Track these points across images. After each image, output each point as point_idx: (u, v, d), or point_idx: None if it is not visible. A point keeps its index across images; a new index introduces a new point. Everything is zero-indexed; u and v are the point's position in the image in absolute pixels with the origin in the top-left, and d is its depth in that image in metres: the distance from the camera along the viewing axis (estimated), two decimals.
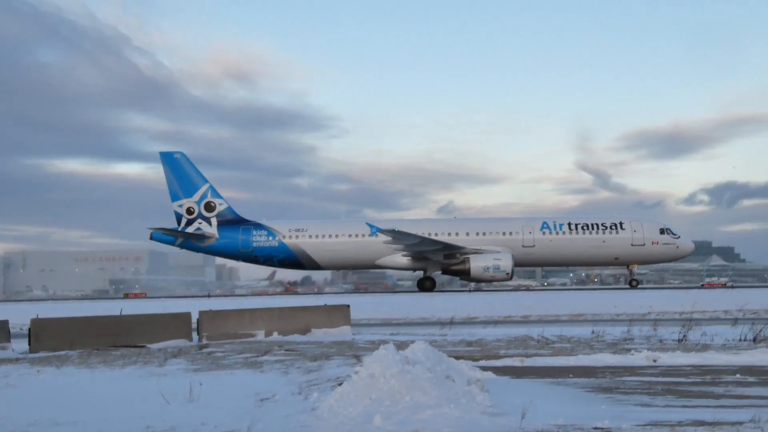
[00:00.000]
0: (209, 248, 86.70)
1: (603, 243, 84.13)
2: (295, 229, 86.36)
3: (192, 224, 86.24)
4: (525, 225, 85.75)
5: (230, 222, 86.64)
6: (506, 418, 13.47)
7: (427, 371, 15.25)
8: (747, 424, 12.59)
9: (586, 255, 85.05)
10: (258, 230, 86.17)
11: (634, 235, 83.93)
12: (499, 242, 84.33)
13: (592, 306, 50.32)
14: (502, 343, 29.06)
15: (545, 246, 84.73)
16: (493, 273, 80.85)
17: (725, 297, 58.62)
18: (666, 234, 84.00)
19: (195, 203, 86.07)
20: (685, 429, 12.46)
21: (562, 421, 13.23)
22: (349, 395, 14.47)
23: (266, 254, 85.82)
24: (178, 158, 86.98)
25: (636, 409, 15.36)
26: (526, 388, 18.02)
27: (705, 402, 16.31)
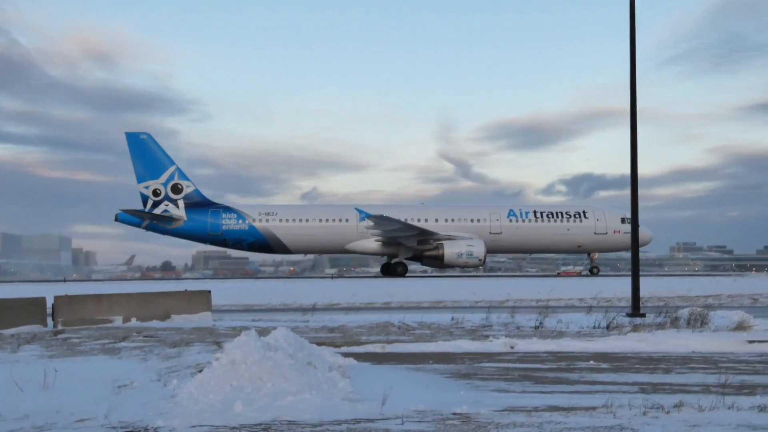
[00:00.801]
0: (177, 231, 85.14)
1: (567, 231, 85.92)
2: (266, 213, 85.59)
3: (158, 206, 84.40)
4: (492, 212, 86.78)
5: (198, 204, 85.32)
6: (367, 404, 13.51)
7: (288, 358, 15.18)
8: (600, 409, 12.94)
9: (550, 242, 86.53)
10: (227, 213, 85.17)
11: (597, 223, 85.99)
12: (466, 229, 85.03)
13: (452, 293, 51.06)
14: (364, 329, 29.19)
15: (512, 233, 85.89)
16: (466, 259, 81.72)
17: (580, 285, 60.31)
18: (626, 223, 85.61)
19: (161, 185, 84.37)
20: (541, 414, 12.73)
21: (422, 406, 13.35)
22: (209, 382, 14.28)
23: (235, 237, 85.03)
24: (144, 139, 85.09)
25: (494, 395, 15.62)
26: (386, 374, 18.13)
27: (560, 388, 16.72)
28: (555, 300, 44.58)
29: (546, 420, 12.08)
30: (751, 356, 22.54)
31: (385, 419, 12.30)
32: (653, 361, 21.39)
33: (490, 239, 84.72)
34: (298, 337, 17.22)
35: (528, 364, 20.87)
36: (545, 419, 12.16)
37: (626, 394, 14.99)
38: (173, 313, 33.78)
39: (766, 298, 48.60)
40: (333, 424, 11.97)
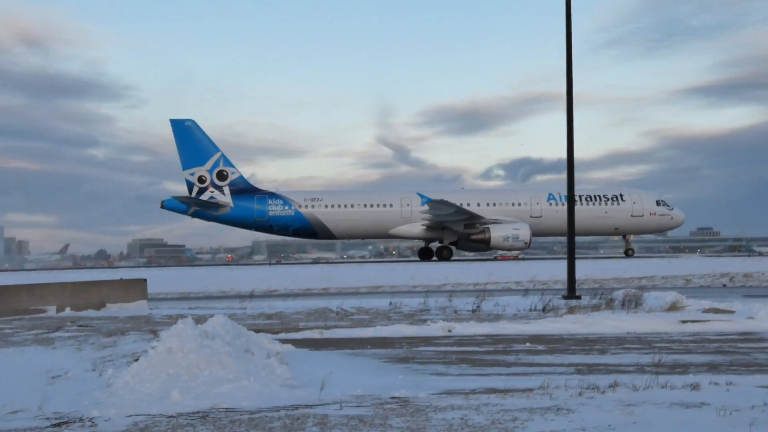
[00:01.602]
0: (223, 217, 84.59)
1: (605, 214, 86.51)
2: (311, 199, 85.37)
3: (204, 193, 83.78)
4: (532, 196, 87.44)
5: (243, 191, 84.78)
6: (305, 390, 13.49)
7: (226, 345, 15.10)
8: (536, 391, 13.05)
9: (589, 225, 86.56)
10: (273, 199, 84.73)
11: (633, 206, 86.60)
12: (508, 212, 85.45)
13: (390, 278, 51.13)
14: (302, 315, 29.15)
15: (552, 217, 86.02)
16: (512, 242, 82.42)
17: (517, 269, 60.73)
18: (661, 206, 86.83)
19: (207, 171, 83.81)
20: (479, 396, 12.81)
21: (360, 391, 13.37)
22: (145, 371, 14.14)
23: (282, 224, 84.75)
24: (189, 126, 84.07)
25: (432, 378, 15.70)
26: (325, 360, 18.13)
27: (497, 370, 16.86)
28: (492, 284, 44.87)
29: (483, 402, 12.15)
30: (684, 336, 22.92)
31: (324, 404, 12.29)
32: (589, 343, 21.66)
33: (531, 223, 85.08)
34: (235, 325, 17.14)
35: (465, 347, 21.00)
36: (483, 401, 12.24)
37: (562, 376, 15.16)
38: (108, 302, 33.39)
39: (698, 279, 49.43)
40: (271, 410, 11.92)
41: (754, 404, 11.49)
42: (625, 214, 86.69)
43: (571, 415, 11.13)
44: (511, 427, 10.44)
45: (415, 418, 11.04)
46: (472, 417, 11.05)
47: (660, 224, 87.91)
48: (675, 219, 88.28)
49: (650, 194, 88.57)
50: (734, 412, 11.03)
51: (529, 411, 11.40)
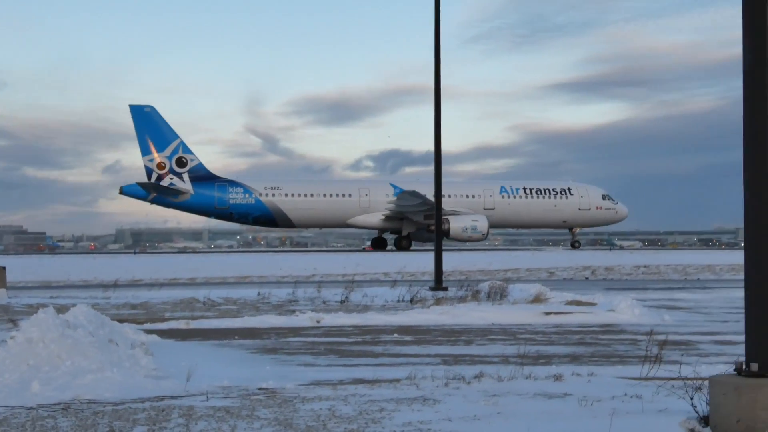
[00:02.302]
0: (183, 204, 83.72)
1: (554, 207, 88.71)
2: (271, 187, 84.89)
3: (162, 179, 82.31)
4: (486, 189, 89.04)
5: (203, 178, 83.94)
6: (171, 381, 13.27)
7: (89, 335, 14.71)
8: (404, 381, 13.14)
9: (539, 218, 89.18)
10: (234, 187, 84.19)
11: (581, 200, 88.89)
12: (462, 204, 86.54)
13: (258, 268, 50.87)
14: (168, 305, 28.71)
15: (504, 209, 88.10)
16: (470, 234, 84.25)
17: (386, 259, 61.18)
18: (607, 200, 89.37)
19: (166, 158, 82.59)
20: (347, 387, 12.82)
21: (227, 382, 13.22)
22: (4, 362, 13.67)
23: (242, 212, 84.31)
24: (148, 112, 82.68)
25: (300, 369, 15.67)
26: (191, 351, 17.88)
27: (365, 361, 16.93)
28: (361, 275, 45.08)
29: (351, 393, 12.17)
30: (548, 327, 23.44)
31: (190, 396, 12.11)
32: (455, 334, 21.95)
33: (485, 214, 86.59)
34: (98, 314, 16.72)
35: (334, 338, 21.04)
36: (350, 392, 12.25)
37: (429, 366, 15.31)
38: None
39: (561, 272, 50.70)
40: (135, 402, 11.68)
41: (614, 395, 11.81)
42: (573, 207, 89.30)
43: (437, 405, 11.23)
44: (378, 417, 10.47)
45: (282, 409, 10.97)
46: (340, 407, 11.05)
47: (605, 217, 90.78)
48: (619, 213, 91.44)
49: (597, 189, 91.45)
50: (595, 402, 11.30)
51: (396, 401, 11.46)
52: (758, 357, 9.65)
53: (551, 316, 25.40)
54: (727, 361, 14.11)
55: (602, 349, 19.11)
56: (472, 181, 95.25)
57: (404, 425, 10.01)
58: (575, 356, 17.75)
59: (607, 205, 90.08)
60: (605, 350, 18.87)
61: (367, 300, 30.22)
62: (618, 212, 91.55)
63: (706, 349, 19.00)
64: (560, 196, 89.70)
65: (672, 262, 58.40)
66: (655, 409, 10.85)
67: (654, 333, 17.97)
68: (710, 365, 14.76)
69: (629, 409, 10.90)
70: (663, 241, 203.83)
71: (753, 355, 9.69)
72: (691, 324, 24.18)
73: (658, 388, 11.97)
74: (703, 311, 28.11)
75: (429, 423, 10.13)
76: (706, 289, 37.84)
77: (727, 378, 9.72)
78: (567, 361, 16.73)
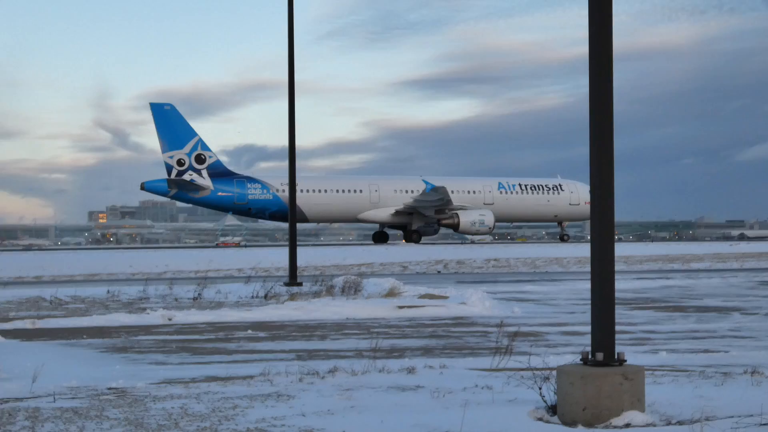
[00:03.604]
0: (203, 200, 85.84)
1: (547, 203, 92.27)
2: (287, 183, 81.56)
3: (182, 176, 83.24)
4: (485, 185, 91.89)
5: (221, 174, 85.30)
6: (16, 383, 12.82)
7: None
8: (257, 378, 13.05)
9: (533, 213, 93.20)
10: (252, 183, 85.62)
11: (571, 195, 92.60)
12: (464, 200, 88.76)
13: (108, 265, 49.73)
14: (12, 304, 27.79)
15: (502, 204, 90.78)
16: (478, 227, 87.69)
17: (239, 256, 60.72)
18: None
19: (186, 155, 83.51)
20: (199, 385, 12.65)
21: (75, 382, 12.86)
22: None
23: (260, 207, 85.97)
24: (168, 110, 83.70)
25: (151, 368, 15.39)
26: (38, 351, 17.35)
27: (219, 358, 16.77)
28: (214, 271, 44.62)
29: (204, 391, 12.02)
30: (401, 321, 23.69)
31: (36, 397, 11.73)
32: (309, 329, 21.96)
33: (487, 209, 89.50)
34: None
35: (186, 335, 20.77)
36: (203, 390, 12.10)
37: (283, 362, 15.25)
38: None
39: (415, 266, 51.31)
40: None
41: (465, 386, 12.00)
42: (564, 202, 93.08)
43: (291, 401, 11.20)
44: (232, 414, 10.37)
45: (133, 409, 10.75)
46: (192, 406, 10.89)
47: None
48: None
49: (584, 185, 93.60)
50: (447, 394, 11.46)
51: (249, 398, 11.37)
52: (603, 347, 9.96)
53: (404, 309, 25.64)
54: (574, 351, 14.55)
55: (454, 341, 19.42)
56: (472, 178, 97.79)
57: (258, 422, 9.94)
58: (428, 349, 17.98)
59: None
60: (457, 342, 19.18)
61: (221, 296, 29.93)
62: None
63: (554, 339, 19.53)
64: (552, 192, 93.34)
65: (522, 256, 59.81)
66: (505, 399, 11.08)
67: (504, 325, 18.34)
68: (558, 355, 15.15)
69: (480, 399, 11.10)
70: (512, 234, 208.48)
71: (598, 345, 10.00)
72: (539, 316, 24.81)
73: (509, 379, 12.22)
74: (552, 303, 28.89)
75: (283, 419, 10.09)
76: (554, 282, 38.92)
77: (574, 368, 10.00)
78: (420, 354, 16.93)
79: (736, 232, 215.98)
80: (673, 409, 10.13)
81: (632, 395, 9.66)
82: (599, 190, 10.41)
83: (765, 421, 9.23)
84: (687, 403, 10.45)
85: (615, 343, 10.10)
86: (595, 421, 9.54)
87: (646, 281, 39.31)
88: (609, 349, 9.96)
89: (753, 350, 17.41)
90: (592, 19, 10.36)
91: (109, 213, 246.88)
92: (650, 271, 48.48)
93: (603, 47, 10.32)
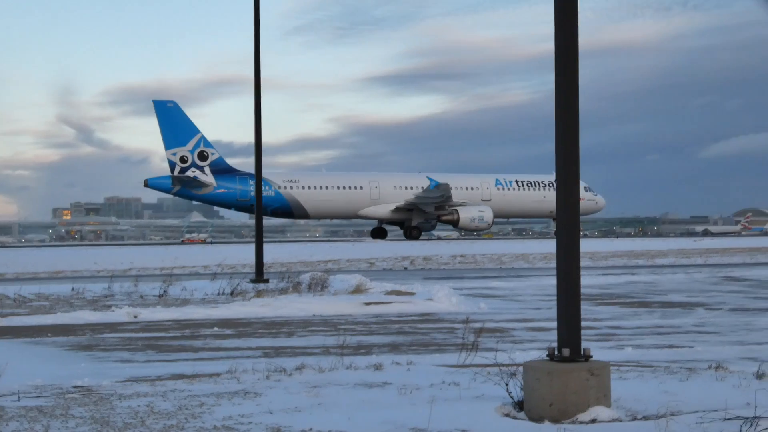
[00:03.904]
0: (206, 196, 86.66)
1: (543, 198, 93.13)
2: (289, 180, 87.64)
3: (185, 172, 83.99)
4: (482, 181, 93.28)
5: (223, 171, 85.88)
6: None
7: None
8: (224, 375, 13.00)
9: (530, 209, 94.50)
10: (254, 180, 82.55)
11: None
12: (462, 196, 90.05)
13: (72, 262, 49.41)
14: None
15: (499, 200, 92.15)
16: (478, 223, 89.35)
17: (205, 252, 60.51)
18: (589, 192, 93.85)
19: (188, 152, 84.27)
20: (165, 383, 12.59)
21: (40, 381, 12.75)
22: None
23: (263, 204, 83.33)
24: (170, 107, 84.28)
25: (117, 366, 15.30)
26: (1, 349, 17.17)
27: (185, 355, 16.69)
28: (179, 268, 44.41)
29: (170, 388, 11.96)
30: (368, 317, 23.69)
31: (0, 396, 11.62)
32: (276, 326, 21.92)
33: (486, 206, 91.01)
34: None
35: (152, 333, 20.66)
36: (169, 388, 12.03)
37: (250, 359, 15.21)
38: None
39: (381, 262, 51.33)
40: None
41: (432, 382, 12.02)
42: None
43: (258, 398, 11.16)
44: (198, 412, 10.33)
45: (98, 407, 10.67)
46: (159, 404, 10.83)
47: (588, 208, 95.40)
48: (599, 203, 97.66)
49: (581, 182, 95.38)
50: (414, 390, 11.48)
51: (216, 396, 11.33)
52: (569, 343, 10.02)
53: (371, 306, 25.65)
54: (540, 347, 14.63)
55: (421, 337, 19.45)
56: (470, 175, 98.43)
57: (225, 419, 9.90)
58: (395, 345, 18.00)
59: (590, 197, 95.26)
60: (424, 339, 19.22)
61: (187, 293, 29.80)
62: (598, 203, 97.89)
63: (520, 335, 19.61)
64: (548, 189, 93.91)
65: (488, 252, 60.04)
66: (472, 395, 11.11)
67: (470, 321, 18.40)
68: (524, 351, 15.23)
69: (447, 396, 11.12)
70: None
71: (564, 341, 10.05)
72: (506, 312, 24.89)
73: (475, 375, 12.25)
74: (518, 299, 29.00)
75: (250, 416, 10.06)
76: (520, 278, 39.08)
77: (540, 363, 10.05)
78: (387, 351, 16.95)
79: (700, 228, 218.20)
80: (638, 405, 10.20)
81: (598, 391, 9.72)
82: (565, 185, 10.48)
83: (729, 416, 9.31)
84: (652, 398, 10.53)
85: (581, 339, 10.16)
86: (561, 416, 9.59)
87: (612, 277, 39.55)
88: (575, 345, 10.02)
89: (717, 345, 17.59)
90: (557, 15, 10.41)
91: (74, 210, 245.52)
92: (615, 267, 48.77)
93: (568, 44, 10.37)
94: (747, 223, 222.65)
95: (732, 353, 16.19)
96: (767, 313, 24.09)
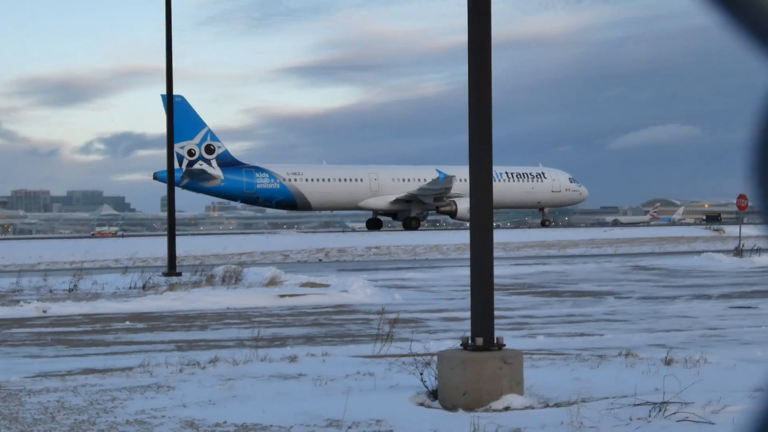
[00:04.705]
0: (213, 189, 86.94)
1: (531, 190, 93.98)
2: (293, 173, 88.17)
3: (192, 166, 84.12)
4: None
5: (230, 164, 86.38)
6: None
7: None
8: (136, 369, 12.84)
9: (518, 200, 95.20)
10: (260, 173, 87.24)
11: (553, 183, 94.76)
12: (458, 187, 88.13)
13: None
14: None
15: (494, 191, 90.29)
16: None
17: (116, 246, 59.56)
18: (573, 182, 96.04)
19: (196, 145, 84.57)
20: (76, 378, 12.39)
21: None
22: None
23: (267, 196, 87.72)
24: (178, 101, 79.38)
25: (26, 361, 15.03)
26: None
27: (96, 350, 16.44)
28: (90, 262, 43.69)
29: (81, 383, 11.77)
30: (283, 310, 23.63)
31: None
32: (189, 319, 21.72)
33: None
34: None
35: (62, 327, 20.31)
36: (80, 382, 11.84)
37: (163, 353, 15.05)
38: None
39: (296, 255, 51.21)
40: None
41: (348, 373, 12.03)
42: (547, 189, 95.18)
43: (171, 392, 11.05)
44: (110, 407, 10.18)
45: (7, 404, 10.46)
46: (70, 399, 10.65)
47: (572, 198, 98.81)
48: (582, 194, 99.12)
49: (564, 173, 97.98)
50: (330, 381, 11.48)
51: (128, 390, 11.18)
52: (483, 332, 10.12)
53: (286, 298, 25.58)
54: (454, 337, 14.75)
55: (336, 329, 19.47)
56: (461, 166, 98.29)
57: (138, 413, 9.78)
58: (310, 337, 17.99)
59: (574, 188, 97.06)
60: (339, 330, 19.24)
61: (98, 288, 29.36)
62: (581, 194, 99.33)
63: (434, 326, 19.76)
64: (536, 180, 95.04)
65: (402, 243, 60.24)
66: (387, 385, 11.15)
67: (385, 312, 18.41)
68: (438, 341, 15.31)
69: (363, 386, 11.14)
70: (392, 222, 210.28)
71: (478, 331, 10.15)
72: (420, 302, 25.05)
73: (390, 365, 12.30)
74: (432, 290, 29.20)
75: (163, 410, 9.95)
76: (434, 269, 39.37)
77: (454, 353, 10.13)
78: (302, 342, 16.93)
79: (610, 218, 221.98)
80: (551, 392, 10.35)
81: (511, 379, 9.84)
82: (479, 177, 10.57)
83: (639, 401, 9.51)
84: (564, 385, 10.69)
85: (494, 328, 10.27)
86: (475, 405, 9.67)
87: (524, 267, 40.07)
88: (488, 334, 10.12)
89: (627, 333, 17.95)
90: (470, 7, 10.48)
91: None
92: (528, 257, 49.43)
93: (481, 36, 10.45)
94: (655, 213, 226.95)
95: (641, 340, 16.53)
96: (675, 301, 24.65)
